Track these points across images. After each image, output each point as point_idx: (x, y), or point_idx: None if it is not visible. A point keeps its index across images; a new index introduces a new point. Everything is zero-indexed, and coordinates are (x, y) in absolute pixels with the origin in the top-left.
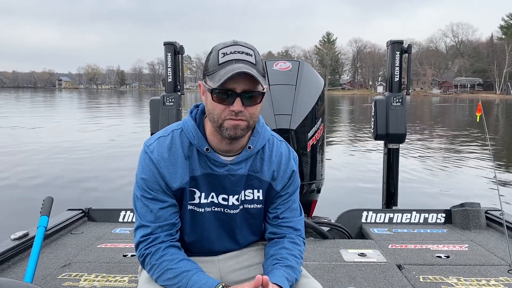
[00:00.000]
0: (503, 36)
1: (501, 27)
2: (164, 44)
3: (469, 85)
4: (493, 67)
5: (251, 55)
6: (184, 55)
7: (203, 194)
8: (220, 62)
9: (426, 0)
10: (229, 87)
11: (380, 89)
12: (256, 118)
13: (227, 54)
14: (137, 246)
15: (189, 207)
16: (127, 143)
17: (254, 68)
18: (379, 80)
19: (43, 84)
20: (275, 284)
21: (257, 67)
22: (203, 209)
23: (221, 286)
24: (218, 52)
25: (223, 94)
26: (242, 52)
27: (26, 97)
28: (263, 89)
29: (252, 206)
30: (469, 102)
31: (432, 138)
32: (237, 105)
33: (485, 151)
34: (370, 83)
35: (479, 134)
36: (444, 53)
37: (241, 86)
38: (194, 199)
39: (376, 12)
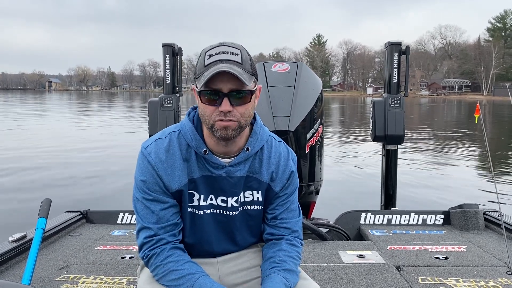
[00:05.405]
0: (490, 38)
1: (488, 30)
2: (162, 46)
3: (457, 87)
4: (480, 68)
5: (237, 55)
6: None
7: (202, 196)
8: (206, 64)
9: (414, 3)
10: (215, 87)
11: (370, 90)
12: (248, 117)
13: (212, 56)
14: (140, 247)
15: (189, 209)
16: (125, 144)
17: (239, 67)
18: (369, 81)
19: (33, 86)
20: None
21: (243, 66)
22: (202, 212)
23: None
24: (205, 55)
25: (211, 95)
26: (228, 52)
27: (16, 99)
28: (254, 88)
29: (251, 207)
30: (457, 103)
31: (427, 138)
32: (225, 105)
33: (483, 152)
34: (360, 84)
35: (475, 135)
36: (432, 55)
37: (227, 86)
38: (193, 201)
39: (366, 15)
